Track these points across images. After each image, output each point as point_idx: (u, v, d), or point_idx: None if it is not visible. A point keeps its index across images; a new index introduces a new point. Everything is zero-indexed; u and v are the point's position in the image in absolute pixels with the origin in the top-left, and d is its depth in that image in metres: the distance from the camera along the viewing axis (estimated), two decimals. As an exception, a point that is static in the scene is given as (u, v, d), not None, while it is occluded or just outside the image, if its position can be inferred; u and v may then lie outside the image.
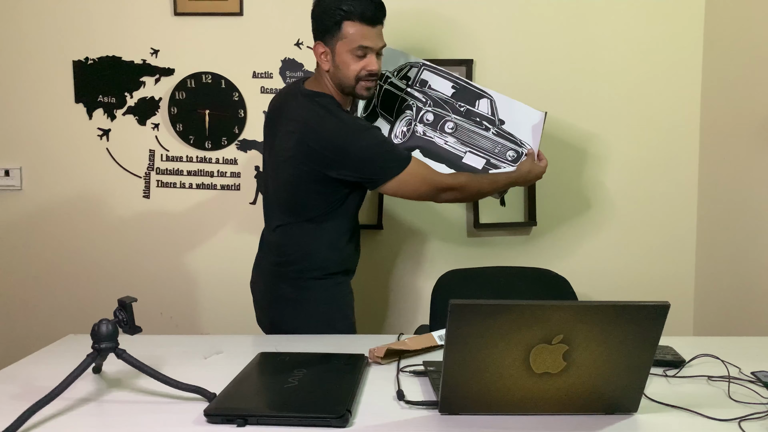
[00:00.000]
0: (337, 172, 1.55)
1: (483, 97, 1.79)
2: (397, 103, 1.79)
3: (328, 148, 1.53)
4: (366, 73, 1.58)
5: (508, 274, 2.06)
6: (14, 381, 1.20)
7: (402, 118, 1.78)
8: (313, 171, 1.55)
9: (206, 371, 1.26)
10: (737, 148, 2.07)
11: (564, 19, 2.22)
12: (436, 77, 1.80)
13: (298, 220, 1.62)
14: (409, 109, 1.78)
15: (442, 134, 1.77)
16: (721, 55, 2.16)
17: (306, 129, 1.55)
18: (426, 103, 1.78)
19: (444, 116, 1.77)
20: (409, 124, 1.77)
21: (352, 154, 1.53)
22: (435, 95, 1.79)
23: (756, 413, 1.05)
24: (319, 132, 1.54)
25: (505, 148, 1.78)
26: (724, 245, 2.15)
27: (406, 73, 1.82)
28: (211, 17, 2.18)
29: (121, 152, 2.23)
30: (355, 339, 1.51)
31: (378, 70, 1.61)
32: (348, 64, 1.57)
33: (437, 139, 1.77)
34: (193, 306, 2.27)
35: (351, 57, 1.56)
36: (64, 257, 2.25)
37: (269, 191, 1.70)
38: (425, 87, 1.79)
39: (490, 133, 1.78)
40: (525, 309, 0.96)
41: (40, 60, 2.19)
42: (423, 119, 1.77)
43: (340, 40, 1.55)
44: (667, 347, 1.34)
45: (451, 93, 1.79)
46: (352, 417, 1.03)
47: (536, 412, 1.04)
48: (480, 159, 1.78)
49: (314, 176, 1.56)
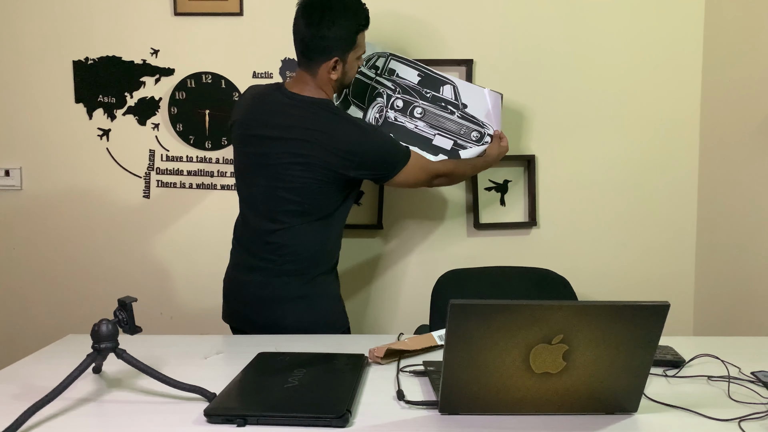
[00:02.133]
0: (356, 172, 1.64)
1: (446, 84, 1.97)
2: (368, 91, 1.95)
3: (351, 151, 1.61)
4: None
5: (508, 274, 2.06)
6: (14, 381, 1.20)
7: (374, 105, 1.94)
8: (333, 174, 1.62)
9: (206, 371, 1.26)
10: (737, 148, 2.07)
11: (564, 19, 2.22)
12: (403, 66, 1.97)
13: (309, 220, 1.66)
14: (380, 96, 1.94)
15: (412, 119, 1.94)
16: (721, 55, 2.16)
17: (325, 137, 1.61)
18: (395, 91, 1.94)
19: (412, 102, 1.94)
20: (381, 111, 1.93)
21: (371, 153, 1.64)
22: (403, 83, 1.95)
23: (756, 413, 1.05)
24: (339, 138, 1.61)
25: (469, 130, 1.96)
26: (724, 245, 2.15)
27: (374, 63, 1.97)
28: (211, 17, 2.18)
29: (121, 152, 2.23)
30: (355, 339, 1.51)
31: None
32: (354, 68, 1.73)
33: (408, 123, 1.94)
34: (193, 306, 2.27)
35: (356, 61, 1.72)
36: (64, 257, 2.25)
37: (265, 195, 1.69)
38: (393, 75, 1.96)
39: (455, 116, 1.95)
40: (525, 309, 0.96)
41: (40, 60, 2.19)
42: (393, 106, 1.94)
43: (353, 50, 1.68)
44: (667, 347, 1.34)
45: (417, 81, 1.96)
46: (352, 417, 1.03)
47: (536, 412, 1.04)
48: (448, 140, 1.95)
49: (333, 178, 1.62)
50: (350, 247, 2.26)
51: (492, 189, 2.27)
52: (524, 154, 2.24)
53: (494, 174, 2.26)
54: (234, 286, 1.77)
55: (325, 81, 1.66)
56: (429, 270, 2.24)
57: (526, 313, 0.96)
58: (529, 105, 2.24)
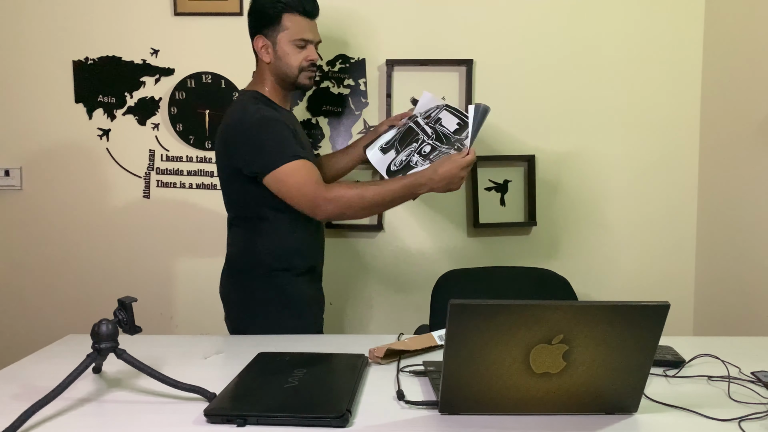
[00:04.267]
0: (238, 162, 1.56)
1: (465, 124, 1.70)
2: (410, 137, 1.79)
3: (236, 141, 1.57)
4: (307, 63, 1.65)
5: (508, 274, 2.06)
6: (14, 381, 1.20)
7: (407, 149, 1.74)
8: (233, 168, 1.60)
9: (206, 371, 1.26)
10: (737, 148, 2.07)
11: (564, 18, 2.22)
12: (449, 115, 1.76)
13: (241, 217, 1.67)
14: (416, 141, 1.75)
15: (425, 161, 1.67)
16: (721, 55, 2.16)
17: (224, 126, 1.62)
18: (430, 137, 1.73)
19: (438, 148, 1.68)
20: (409, 155, 1.72)
21: (248, 144, 1.53)
22: (440, 130, 1.73)
23: (756, 413, 1.05)
24: (230, 126, 1.59)
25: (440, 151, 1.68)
26: (724, 245, 2.15)
27: (429, 113, 1.81)
28: (211, 17, 2.18)
29: (121, 152, 2.23)
30: (355, 339, 1.51)
31: (317, 60, 1.67)
32: (290, 55, 1.63)
33: (420, 166, 1.66)
34: (193, 306, 2.27)
35: (292, 48, 1.63)
36: (64, 257, 2.25)
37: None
38: (436, 123, 1.76)
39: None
40: (525, 309, 0.96)
41: (40, 60, 2.19)
42: (421, 151, 1.70)
43: (281, 32, 1.63)
44: (667, 347, 1.34)
45: (454, 129, 1.71)
46: (352, 417, 1.03)
47: (536, 412, 1.04)
48: None
49: (238, 173, 1.59)
50: (351, 248, 2.27)
51: (492, 189, 2.27)
52: (524, 154, 2.24)
53: (494, 174, 2.26)
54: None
55: (262, 68, 1.67)
56: (429, 270, 2.24)
57: (526, 313, 0.96)
58: (529, 105, 2.24)
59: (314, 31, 1.67)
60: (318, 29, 1.70)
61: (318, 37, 1.69)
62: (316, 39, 1.68)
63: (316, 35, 1.68)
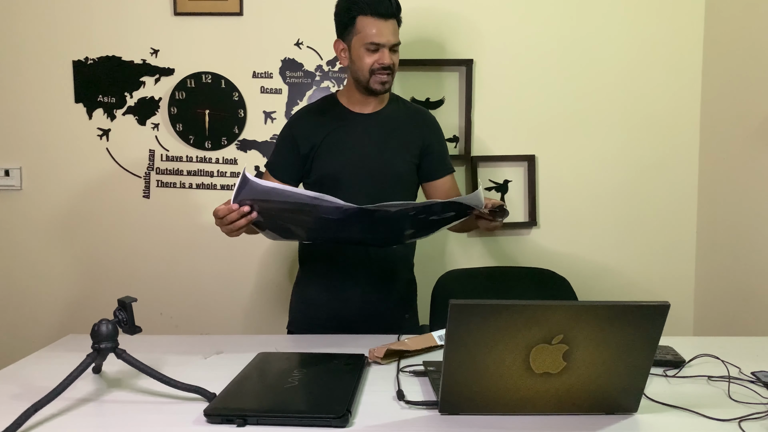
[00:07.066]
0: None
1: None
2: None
3: None
4: (379, 66, 1.59)
5: (508, 274, 2.06)
6: (14, 381, 1.20)
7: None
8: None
9: (206, 371, 1.26)
10: (737, 148, 2.07)
11: (564, 18, 2.22)
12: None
13: None
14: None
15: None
16: (721, 55, 2.16)
17: None
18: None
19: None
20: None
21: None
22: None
23: (756, 413, 1.05)
24: None
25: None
26: (724, 245, 2.15)
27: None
28: (211, 17, 2.18)
29: (121, 152, 2.23)
30: (355, 339, 1.51)
31: (391, 64, 1.60)
32: (362, 58, 1.59)
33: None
34: (193, 306, 2.27)
35: (364, 51, 1.59)
36: (63, 257, 2.25)
37: None
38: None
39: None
40: (525, 309, 0.96)
41: (40, 60, 2.19)
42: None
43: (356, 35, 1.59)
44: (667, 347, 1.34)
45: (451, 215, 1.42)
46: (352, 417, 1.03)
47: (536, 412, 1.04)
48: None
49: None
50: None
51: (492, 189, 2.27)
52: (524, 154, 2.24)
53: (494, 174, 2.26)
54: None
55: (348, 70, 1.67)
56: (429, 270, 2.24)
57: (526, 313, 0.96)
58: (529, 105, 2.24)
59: (389, 33, 1.59)
60: (398, 31, 1.60)
61: (394, 40, 1.60)
62: (390, 42, 1.59)
63: (390, 38, 1.59)
